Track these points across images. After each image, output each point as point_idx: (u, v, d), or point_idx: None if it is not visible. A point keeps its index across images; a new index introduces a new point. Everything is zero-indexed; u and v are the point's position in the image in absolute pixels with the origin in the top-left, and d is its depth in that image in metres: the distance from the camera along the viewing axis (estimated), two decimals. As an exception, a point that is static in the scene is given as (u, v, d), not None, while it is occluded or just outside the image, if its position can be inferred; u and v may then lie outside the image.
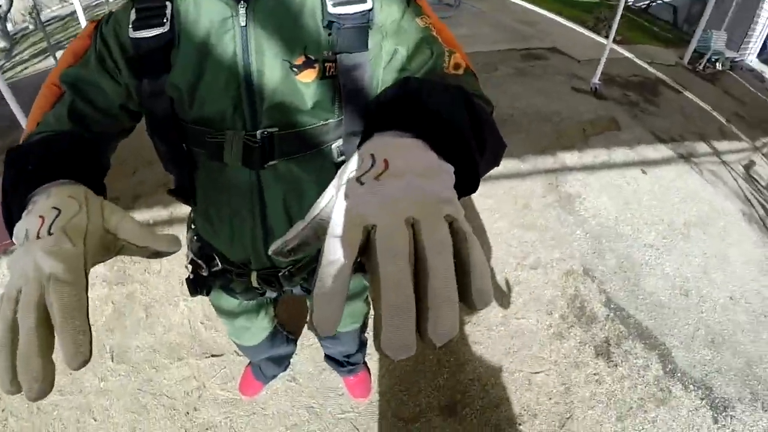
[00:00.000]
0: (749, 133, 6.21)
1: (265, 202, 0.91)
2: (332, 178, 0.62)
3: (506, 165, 3.80)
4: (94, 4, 14.80)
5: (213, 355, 2.60)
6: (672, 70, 8.09)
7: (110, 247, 0.53)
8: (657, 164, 4.44)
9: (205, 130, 0.82)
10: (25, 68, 10.51)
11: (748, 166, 5.27)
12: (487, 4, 9.72)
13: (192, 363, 2.57)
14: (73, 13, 12.22)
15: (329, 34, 0.79)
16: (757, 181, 4.97)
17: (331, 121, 0.84)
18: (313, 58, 0.79)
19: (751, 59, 13.95)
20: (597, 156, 4.24)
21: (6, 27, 14.58)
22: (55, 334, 0.42)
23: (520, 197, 3.54)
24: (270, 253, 0.50)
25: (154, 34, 0.78)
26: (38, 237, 0.47)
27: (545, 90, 5.46)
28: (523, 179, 3.75)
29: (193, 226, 1.16)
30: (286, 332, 2.27)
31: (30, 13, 16.69)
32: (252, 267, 1.07)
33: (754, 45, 13.60)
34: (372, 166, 0.41)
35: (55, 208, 0.49)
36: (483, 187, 2.61)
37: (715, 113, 6.44)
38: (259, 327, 1.67)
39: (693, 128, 5.60)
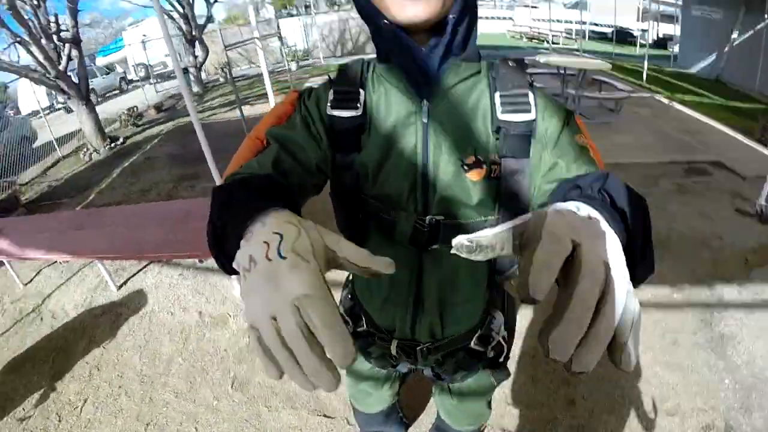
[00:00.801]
0: None
1: (422, 279, 1.03)
2: (484, 270, 0.96)
3: (657, 292, 3.71)
4: (277, 70, 16.56)
5: (325, 416, 2.77)
6: None
7: (332, 263, 0.57)
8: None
9: (381, 207, 0.97)
10: (214, 114, 12.03)
11: None
12: (649, 110, 9.70)
13: (303, 415, 2.77)
14: (259, 75, 13.79)
15: (497, 138, 0.92)
16: None
17: (490, 218, 0.97)
18: (481, 159, 0.92)
19: None
20: (759, 293, 3.85)
21: (201, 76, 16.94)
22: (324, 345, 0.46)
23: (668, 332, 3.37)
24: (453, 243, 0.59)
25: (348, 115, 0.94)
26: (269, 260, 0.50)
27: (706, 211, 5.22)
28: (675, 311, 3.58)
29: (349, 286, 1.30)
30: (402, 413, 2.30)
31: (222, 68, 19.22)
32: (395, 335, 1.17)
33: None
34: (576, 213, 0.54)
35: (276, 233, 0.53)
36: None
37: None
38: (381, 397, 1.68)
39: None
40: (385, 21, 0.85)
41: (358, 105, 0.94)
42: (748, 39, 16.64)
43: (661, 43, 31.35)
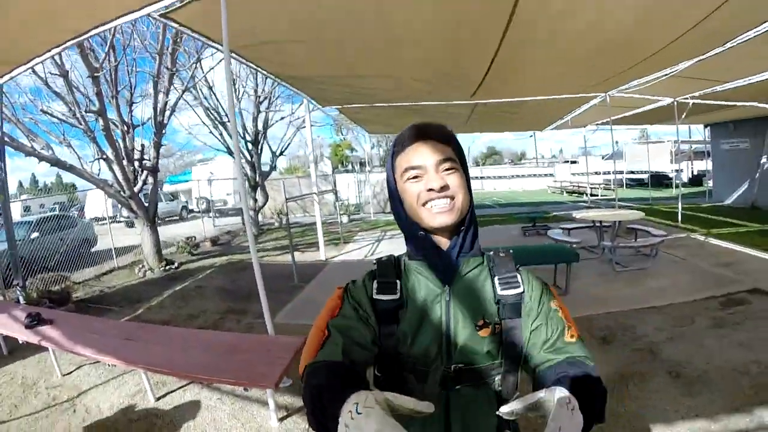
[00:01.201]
0: None
1: (449, 411, 1.29)
2: (494, 400, 1.26)
3: (693, 426, 3.61)
4: (329, 221, 16.98)
5: None
6: None
7: (393, 409, 0.88)
8: None
9: (416, 361, 1.27)
10: (266, 255, 12.24)
11: None
12: (684, 250, 9.76)
13: None
14: (312, 224, 14.14)
15: (497, 307, 1.29)
16: None
17: (496, 362, 1.29)
18: (488, 321, 1.28)
19: None
20: None
21: (258, 218, 17.39)
22: None
23: None
24: (501, 411, 1.01)
25: (389, 298, 1.30)
26: (352, 419, 0.81)
27: (744, 340, 5.12)
28: None
29: None
30: None
31: (278, 214, 19.86)
32: None
33: None
34: (569, 405, 0.92)
35: (354, 402, 0.84)
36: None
37: None
38: None
39: None
40: (421, 232, 1.30)
41: (396, 291, 1.31)
42: None
43: (696, 180, 32.14)
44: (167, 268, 11.41)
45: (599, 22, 5.65)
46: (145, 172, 11.08)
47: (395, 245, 12.03)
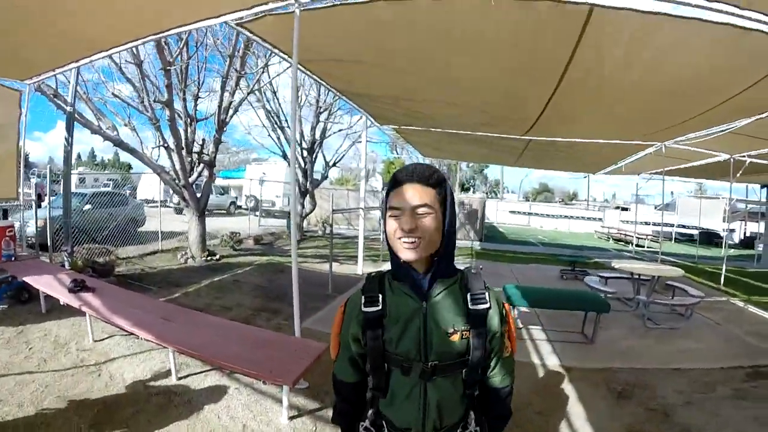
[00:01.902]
0: None
1: (427, 396, 1.63)
2: (459, 389, 1.67)
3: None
4: (371, 236, 17.02)
5: None
6: None
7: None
8: None
9: (401, 359, 1.62)
10: (305, 261, 12.36)
11: None
12: (721, 315, 9.49)
13: None
14: (354, 237, 14.14)
15: (467, 318, 1.62)
16: None
17: (463, 360, 1.62)
18: (457, 329, 1.60)
19: None
20: None
21: (302, 224, 17.44)
22: None
23: None
24: None
25: (373, 310, 1.64)
26: None
27: (762, 416, 4.96)
28: None
29: (374, 408, 1.79)
30: None
31: (323, 223, 20.35)
32: (412, 430, 1.69)
33: None
34: None
35: None
36: None
37: None
38: None
39: None
40: (402, 261, 1.59)
41: (379, 304, 1.65)
42: None
43: (748, 242, 31.25)
44: (209, 258, 11.80)
45: (658, 72, 5.66)
46: (201, 164, 11.55)
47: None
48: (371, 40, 5.40)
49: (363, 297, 1.68)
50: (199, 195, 11.79)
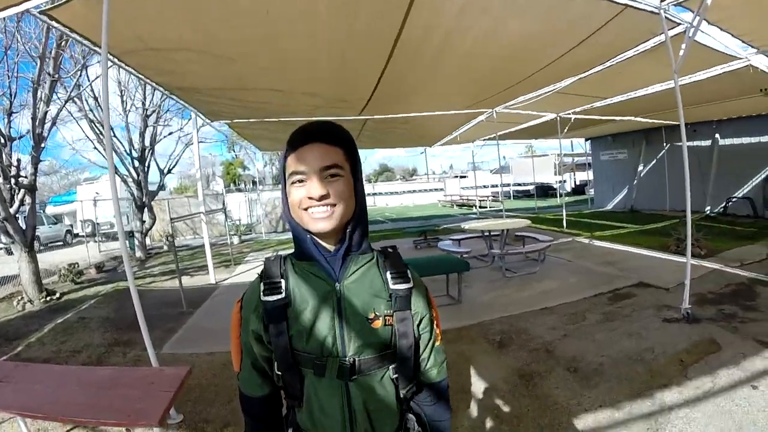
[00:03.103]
0: None
1: (351, 399, 1.33)
2: (390, 388, 1.38)
3: (598, 417, 3.61)
4: (220, 242, 16.28)
5: None
6: (765, 264, 8.06)
7: None
8: (768, 374, 4.10)
9: (313, 356, 1.31)
10: (154, 281, 11.47)
11: None
12: (570, 253, 10.26)
13: None
14: (202, 246, 13.39)
15: (390, 300, 1.34)
16: None
17: (389, 351, 1.35)
18: (378, 314, 1.32)
19: None
20: (699, 386, 3.92)
21: (145, 241, 16.40)
22: None
23: None
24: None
25: (275, 298, 1.32)
26: None
27: (634, 330, 5.34)
28: (618, 428, 3.47)
29: (292, 425, 1.51)
30: None
31: (167, 237, 18.80)
32: None
33: None
34: None
35: None
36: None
37: None
38: None
39: None
40: (308, 236, 1.33)
41: (282, 290, 1.34)
42: (653, 168, 18.80)
43: (579, 189, 35.80)
44: (48, 298, 10.28)
45: (486, 40, 5.86)
46: (22, 190, 9.88)
47: (288, 266, 12.04)
48: (190, 23, 4.91)
49: (262, 284, 1.37)
50: (24, 227, 10.34)
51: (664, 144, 18.13)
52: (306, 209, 1.28)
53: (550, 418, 3.68)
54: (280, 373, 1.38)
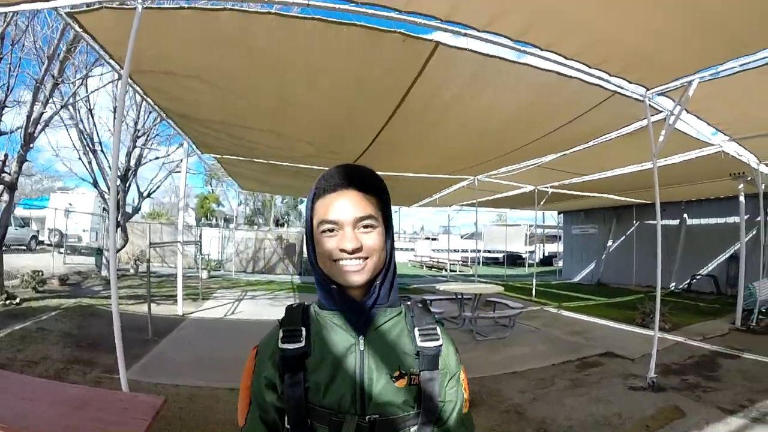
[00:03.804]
0: None
1: None
2: None
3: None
4: (188, 275, 15.71)
5: None
6: (726, 339, 8.49)
7: None
8: (732, 438, 4.27)
9: (329, 412, 1.20)
10: (120, 303, 10.81)
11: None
12: (539, 321, 10.41)
13: None
14: (169, 275, 12.98)
15: (417, 359, 1.25)
16: None
17: (412, 412, 1.23)
18: (404, 372, 1.22)
19: None
20: None
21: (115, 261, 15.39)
22: None
23: None
24: None
25: (295, 347, 1.23)
26: None
27: (602, 396, 5.50)
28: None
29: None
30: None
31: (135, 260, 18.30)
32: None
33: None
34: None
35: None
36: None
37: None
38: None
39: (760, 387, 5.68)
40: (333, 286, 1.24)
41: (302, 339, 1.25)
42: (621, 244, 19.57)
43: (547, 260, 36.53)
44: (7, 302, 10.00)
45: (483, 112, 6.33)
46: (1, 186, 9.82)
47: (256, 305, 12.01)
48: (209, 55, 5.11)
49: (281, 331, 1.30)
50: (-3, 225, 10.09)
51: (634, 221, 18.88)
52: (336, 261, 1.22)
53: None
54: (289, 427, 1.28)
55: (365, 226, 1.22)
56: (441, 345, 1.28)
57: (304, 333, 1.27)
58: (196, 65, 5.43)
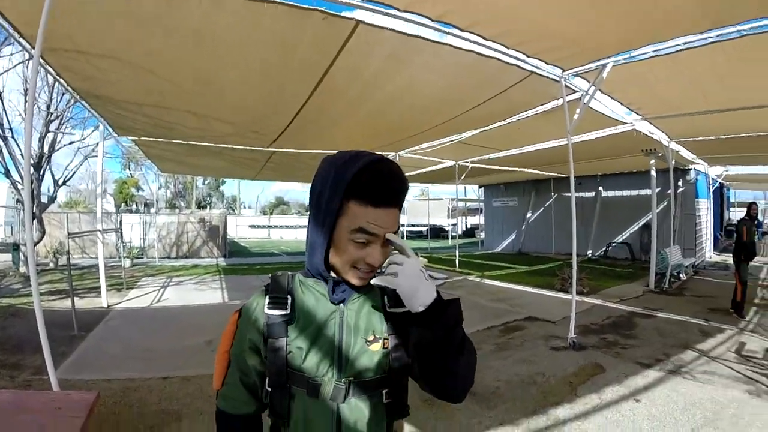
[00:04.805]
0: (729, 320, 7.02)
1: (342, 424, 1.29)
2: (382, 412, 1.32)
3: (499, 434, 3.92)
4: (110, 264, 14.93)
5: None
6: (641, 300, 9.06)
7: None
8: (648, 389, 4.65)
9: (308, 376, 1.28)
10: (42, 300, 10.29)
11: (739, 349, 5.74)
12: (463, 290, 10.74)
13: None
14: (91, 266, 12.36)
15: (387, 322, 1.33)
16: (753, 358, 5.38)
17: (384, 375, 1.31)
18: (378, 336, 1.31)
19: (710, 255, 15.47)
20: (588, 402, 4.36)
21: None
22: None
23: None
24: (373, 281, 1.20)
25: (280, 313, 1.30)
26: None
27: (526, 357, 5.76)
28: None
29: None
30: None
31: (54, 253, 17.41)
32: None
33: (707, 242, 15.32)
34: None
35: None
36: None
37: (692, 319, 7.19)
38: None
39: (674, 342, 6.12)
40: (333, 276, 1.30)
41: (287, 306, 1.32)
42: (541, 215, 20.41)
43: (470, 232, 37.76)
44: None
45: (403, 90, 6.37)
46: None
47: (182, 291, 11.72)
48: (126, 33, 4.85)
49: (267, 297, 1.35)
50: None
51: (552, 194, 19.72)
52: (355, 267, 1.24)
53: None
54: (270, 389, 1.34)
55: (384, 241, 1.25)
56: (407, 310, 1.23)
57: (289, 301, 1.33)
58: (111, 44, 5.14)
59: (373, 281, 1.23)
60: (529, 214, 21.17)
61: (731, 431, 3.69)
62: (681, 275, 11.38)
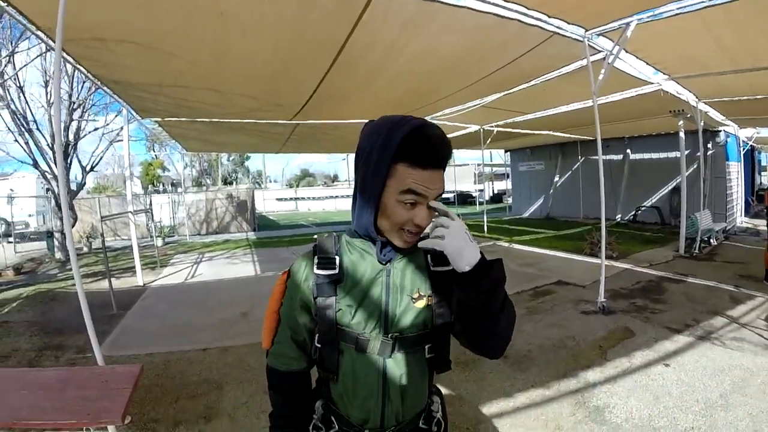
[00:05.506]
0: (760, 287, 6.85)
1: (387, 378, 1.37)
2: (425, 366, 1.43)
3: (531, 395, 3.96)
4: (143, 245, 15.27)
5: None
6: (671, 265, 8.94)
7: None
8: (678, 354, 4.67)
9: (356, 332, 1.35)
10: (74, 285, 10.59)
11: (770, 316, 5.62)
12: (492, 255, 10.26)
13: None
14: (124, 248, 12.62)
15: (430, 282, 1.38)
16: (785, 324, 5.27)
17: (427, 331, 1.38)
18: (423, 294, 1.36)
19: (741, 221, 15.15)
20: (618, 366, 4.42)
21: (65, 242, 15.16)
22: None
23: (550, 420, 3.58)
24: (420, 244, 1.23)
25: (329, 273, 1.36)
26: None
27: (557, 321, 5.82)
28: (550, 403, 3.83)
29: (322, 398, 1.55)
30: None
31: (87, 238, 17.65)
32: (367, 426, 1.43)
33: (738, 207, 14.99)
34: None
35: None
36: (514, 418, 3.09)
37: (722, 285, 7.09)
38: None
39: (703, 308, 6.07)
40: (381, 238, 1.33)
41: (335, 266, 1.37)
42: (568, 179, 19.94)
43: (497, 198, 37.51)
44: None
45: (421, 56, 6.27)
46: None
47: (215, 267, 11.85)
48: (139, 17, 4.87)
49: (317, 257, 1.40)
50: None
51: (579, 157, 19.33)
52: (403, 228, 1.27)
53: (487, 398, 3.98)
54: (319, 345, 1.42)
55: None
56: (452, 269, 1.25)
57: (337, 261, 1.38)
58: (126, 28, 5.17)
59: (420, 244, 1.24)
60: (556, 178, 20.83)
61: (760, 399, 3.70)
62: (711, 240, 11.20)
